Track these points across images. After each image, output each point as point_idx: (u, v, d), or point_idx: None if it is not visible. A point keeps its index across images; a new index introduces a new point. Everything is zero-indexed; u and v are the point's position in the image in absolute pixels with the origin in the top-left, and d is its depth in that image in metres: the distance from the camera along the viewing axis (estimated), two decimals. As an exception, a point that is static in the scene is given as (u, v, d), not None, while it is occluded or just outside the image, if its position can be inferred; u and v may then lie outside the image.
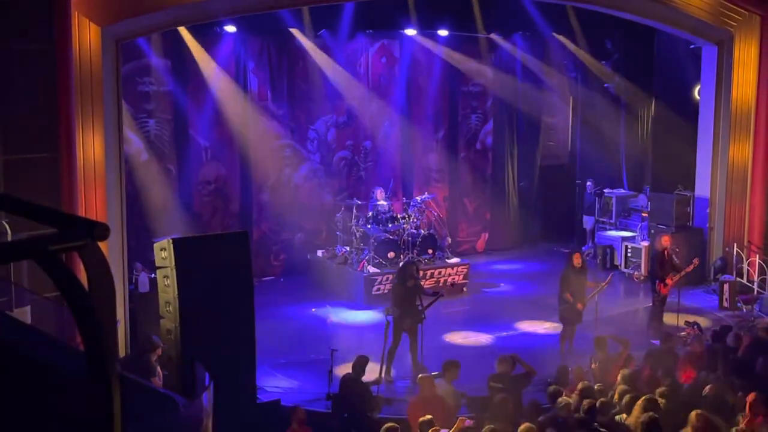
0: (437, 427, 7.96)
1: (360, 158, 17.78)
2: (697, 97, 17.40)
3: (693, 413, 7.47)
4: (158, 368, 9.74)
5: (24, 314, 7.07)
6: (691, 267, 13.49)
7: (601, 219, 18.55)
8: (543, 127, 19.83)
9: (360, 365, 9.82)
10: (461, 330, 13.80)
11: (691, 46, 17.10)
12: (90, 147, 10.99)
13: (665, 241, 13.54)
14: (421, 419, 8.07)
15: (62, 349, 2.71)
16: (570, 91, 20.08)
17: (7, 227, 8.26)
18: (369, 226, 15.66)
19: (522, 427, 7.63)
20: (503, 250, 19.07)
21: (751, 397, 7.92)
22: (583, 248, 18.17)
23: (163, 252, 9.22)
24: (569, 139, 20.57)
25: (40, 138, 10.34)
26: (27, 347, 2.51)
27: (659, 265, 13.35)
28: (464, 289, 15.89)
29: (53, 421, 2.13)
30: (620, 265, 17.13)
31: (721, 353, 10.25)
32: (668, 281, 13.17)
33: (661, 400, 8.31)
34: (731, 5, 15.63)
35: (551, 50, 19.02)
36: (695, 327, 12.26)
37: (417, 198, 16.74)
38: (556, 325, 13.58)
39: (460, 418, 8.54)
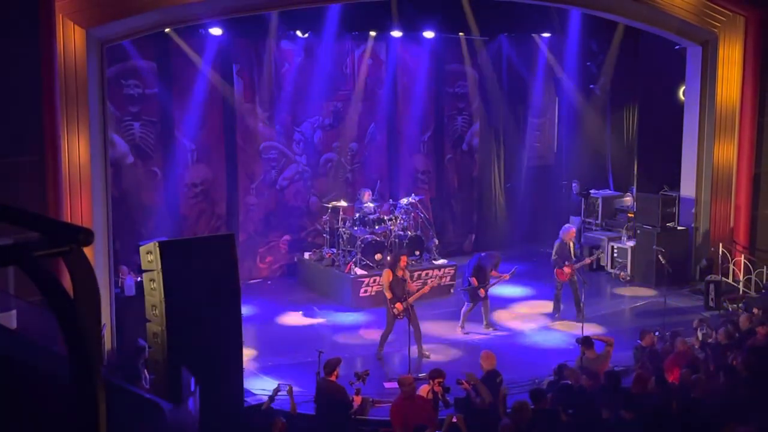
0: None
1: (346, 160, 17.76)
2: (682, 97, 17.50)
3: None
4: (145, 372, 9.71)
5: (9, 319, 7.02)
6: (590, 260, 15.48)
7: (587, 219, 18.60)
8: (529, 128, 19.87)
9: (329, 365, 9.65)
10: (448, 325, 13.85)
11: (676, 47, 17.17)
12: (75, 150, 10.94)
13: (570, 234, 14.59)
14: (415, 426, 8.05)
15: (47, 354, 2.69)
16: (556, 92, 20.13)
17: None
18: (356, 228, 15.64)
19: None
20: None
21: None
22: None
23: (150, 255, 9.19)
24: (555, 140, 20.61)
25: (25, 141, 10.30)
26: (11, 352, 2.49)
27: (559, 254, 14.31)
28: (451, 290, 15.89)
29: (37, 426, 2.12)
30: (606, 265, 17.18)
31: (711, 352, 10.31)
32: (566, 269, 14.07)
33: None
34: (715, 6, 15.71)
35: (537, 51, 19.07)
36: (677, 331, 12.33)
37: (403, 200, 16.71)
38: (543, 324, 13.72)
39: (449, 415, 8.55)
